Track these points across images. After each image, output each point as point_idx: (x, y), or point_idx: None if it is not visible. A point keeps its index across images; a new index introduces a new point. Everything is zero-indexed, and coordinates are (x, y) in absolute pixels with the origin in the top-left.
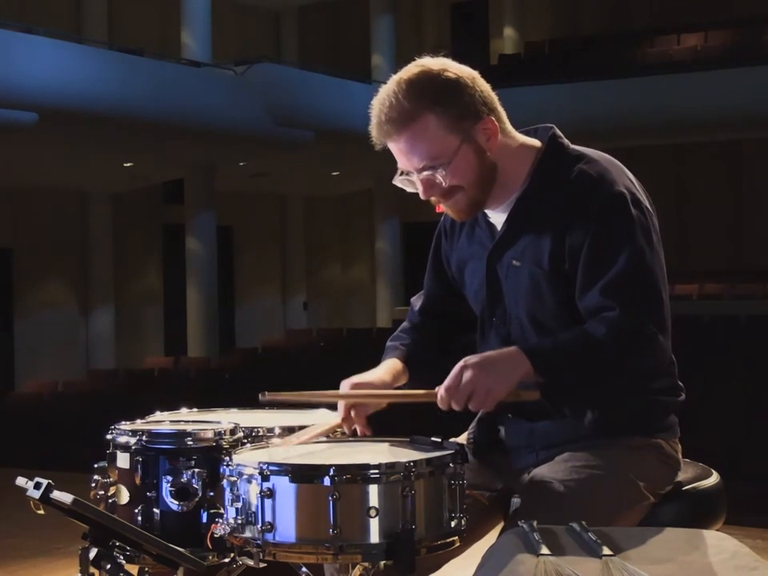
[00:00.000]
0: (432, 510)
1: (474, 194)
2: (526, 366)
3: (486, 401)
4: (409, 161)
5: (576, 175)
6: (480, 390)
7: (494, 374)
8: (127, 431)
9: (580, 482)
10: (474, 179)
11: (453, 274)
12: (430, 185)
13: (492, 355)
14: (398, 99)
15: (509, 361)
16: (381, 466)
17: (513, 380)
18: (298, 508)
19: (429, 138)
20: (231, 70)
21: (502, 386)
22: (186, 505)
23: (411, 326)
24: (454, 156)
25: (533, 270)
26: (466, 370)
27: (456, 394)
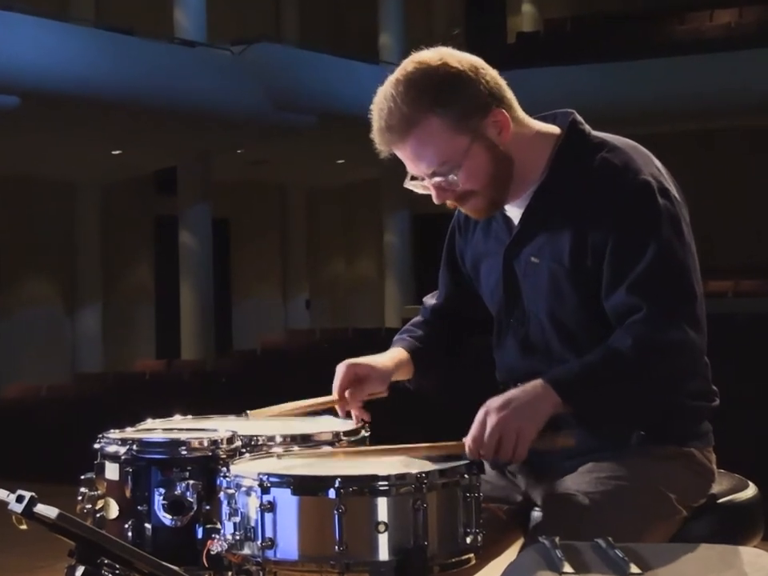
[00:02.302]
0: (445, 525)
1: (490, 195)
2: (554, 399)
3: (518, 445)
4: (417, 167)
5: (598, 164)
6: (508, 434)
7: (521, 415)
8: (116, 440)
9: (606, 495)
10: (488, 179)
11: (468, 272)
12: (443, 190)
13: (515, 394)
14: (397, 104)
15: (534, 397)
16: (390, 478)
17: (542, 417)
18: (300, 523)
19: (434, 142)
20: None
21: (531, 426)
22: (179, 519)
23: (423, 321)
24: (464, 157)
25: (552, 267)
26: (489, 416)
27: (484, 444)
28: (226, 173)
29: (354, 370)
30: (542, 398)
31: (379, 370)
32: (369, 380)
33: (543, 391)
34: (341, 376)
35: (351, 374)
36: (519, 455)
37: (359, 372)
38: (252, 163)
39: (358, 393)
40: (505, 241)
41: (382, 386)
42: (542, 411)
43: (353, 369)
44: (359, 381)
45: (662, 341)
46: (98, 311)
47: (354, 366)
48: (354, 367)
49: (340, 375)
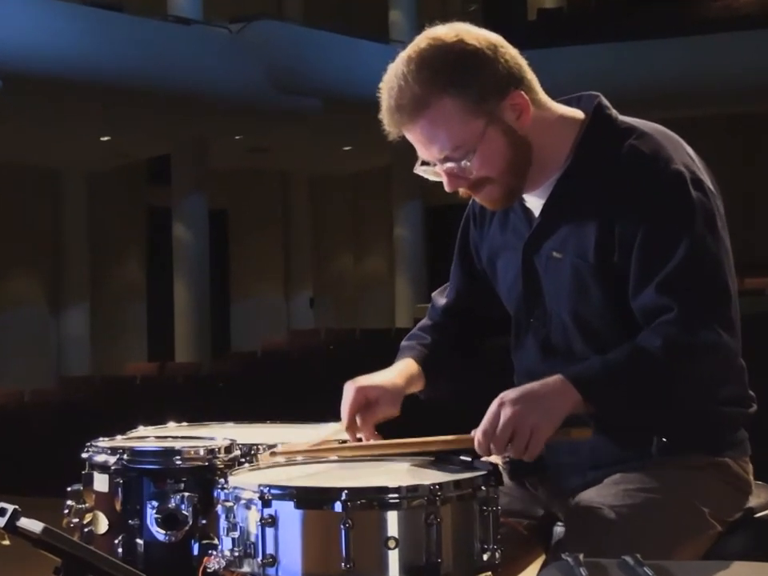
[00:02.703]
0: (461, 541)
1: (507, 183)
2: (574, 396)
3: (531, 442)
4: (428, 151)
5: (626, 152)
6: (522, 429)
7: (538, 410)
8: (106, 449)
9: (634, 508)
10: (505, 166)
11: (483, 267)
12: (456, 176)
13: (533, 387)
14: (408, 83)
15: (553, 392)
16: (401, 490)
17: (560, 414)
18: (304, 538)
19: (448, 125)
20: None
21: (547, 423)
22: (174, 534)
23: (432, 324)
24: (479, 142)
25: (576, 262)
26: (503, 408)
27: (495, 438)
28: (224, 161)
29: (365, 393)
30: (560, 394)
31: (390, 391)
32: (380, 403)
33: (562, 387)
34: (350, 401)
35: (361, 398)
36: (531, 453)
37: (370, 395)
38: (251, 150)
39: (370, 418)
40: (524, 234)
41: (394, 407)
42: (560, 408)
43: (362, 392)
44: (369, 405)
45: (693, 343)
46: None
47: (363, 389)
48: (364, 390)
49: (349, 400)
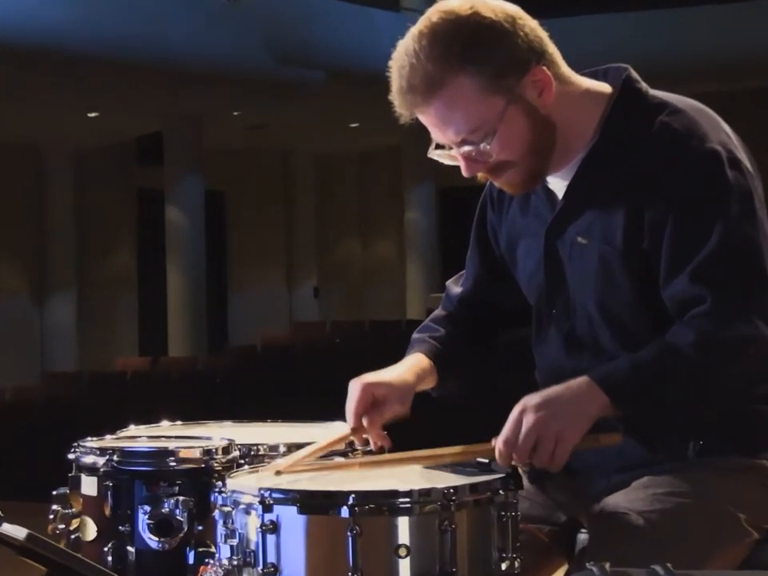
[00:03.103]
0: (477, 549)
1: (529, 166)
2: (601, 399)
3: (557, 451)
4: (443, 134)
5: (657, 129)
6: (547, 437)
7: (563, 415)
8: (94, 449)
9: (664, 514)
10: (527, 148)
11: (502, 254)
12: (473, 160)
13: (557, 391)
14: (420, 61)
15: (579, 396)
16: (413, 494)
17: (587, 420)
18: (308, 546)
19: (464, 105)
20: None
21: (574, 430)
22: (167, 541)
23: (446, 315)
24: (498, 123)
25: (603, 248)
26: (526, 414)
27: (517, 447)
28: (221, 139)
29: (371, 391)
30: (587, 398)
31: (399, 389)
32: (388, 402)
33: (589, 390)
34: (355, 400)
35: (367, 396)
36: (557, 463)
37: (377, 393)
38: (251, 127)
39: (377, 418)
40: (546, 218)
41: (404, 406)
42: (587, 413)
43: (369, 390)
44: (377, 404)
45: (728, 337)
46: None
47: (370, 386)
48: (371, 388)
49: (354, 399)
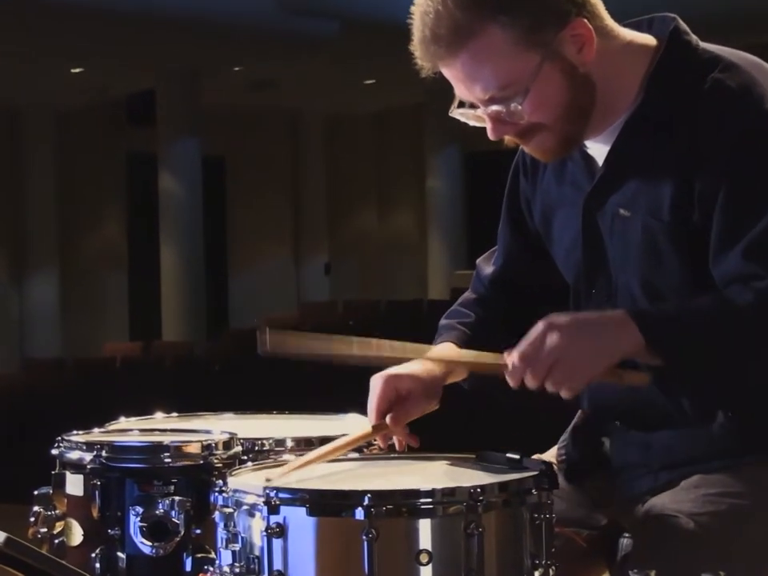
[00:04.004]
0: (507, 556)
1: (564, 130)
2: (635, 335)
3: (573, 377)
4: (469, 90)
5: (709, 88)
6: (567, 360)
7: (589, 341)
8: (80, 444)
9: (716, 517)
10: (562, 111)
11: (536, 227)
12: (502, 122)
13: (589, 316)
14: (447, 7)
15: (611, 325)
16: (435, 493)
17: (614, 352)
18: (319, 552)
19: (495, 59)
20: None
21: (597, 359)
22: (162, 546)
23: (477, 298)
24: (532, 80)
25: (648, 221)
26: (550, 333)
27: (534, 363)
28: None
29: (394, 385)
30: (619, 330)
31: (426, 382)
32: (414, 396)
33: (623, 322)
34: (377, 395)
35: (391, 391)
36: (571, 389)
37: (401, 387)
38: (254, 85)
39: (402, 415)
40: (585, 187)
41: (431, 401)
42: (616, 345)
43: (392, 384)
44: (401, 399)
45: None
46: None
47: (392, 380)
48: (394, 381)
49: (376, 394)
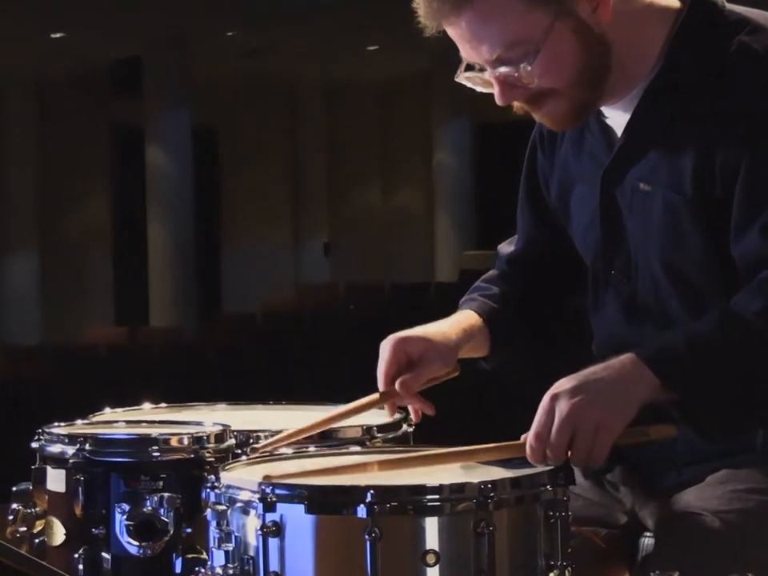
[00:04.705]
0: (520, 556)
1: (576, 96)
2: (649, 380)
3: (597, 443)
4: (476, 50)
5: (735, 52)
6: (584, 428)
7: (603, 401)
8: (62, 437)
9: (743, 514)
10: (575, 75)
11: (553, 204)
12: (510, 85)
13: (595, 372)
14: None
15: (622, 376)
16: (443, 489)
17: (632, 406)
18: (318, 552)
19: (503, 17)
20: None
21: (616, 418)
22: (150, 547)
23: (500, 274)
24: (543, 40)
25: (669, 197)
26: (558, 402)
27: (551, 441)
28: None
29: (404, 348)
30: (632, 379)
31: (439, 346)
32: (426, 360)
33: (635, 370)
34: (387, 358)
35: (400, 354)
36: (597, 458)
37: (411, 350)
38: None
39: (413, 380)
40: (603, 160)
41: (445, 365)
42: (633, 397)
43: (402, 347)
44: (412, 363)
45: None
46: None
47: (402, 342)
48: (404, 344)
49: (385, 358)
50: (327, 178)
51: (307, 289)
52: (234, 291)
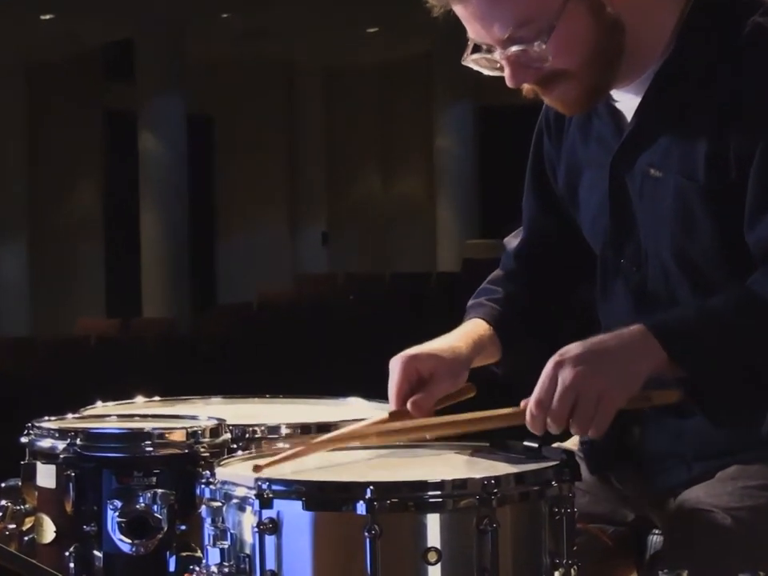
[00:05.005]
0: (524, 554)
1: (589, 78)
2: (657, 353)
3: (599, 413)
4: (486, 29)
5: (749, 34)
6: (587, 396)
7: (608, 370)
8: (52, 431)
9: (756, 512)
10: (588, 55)
11: (561, 192)
12: (522, 66)
13: (603, 341)
14: None
15: (629, 347)
16: (445, 485)
17: (637, 377)
18: (316, 550)
19: None
20: None
21: (621, 388)
22: (143, 544)
23: (505, 274)
24: (556, 18)
25: (681, 183)
26: (562, 369)
27: (552, 408)
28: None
29: (415, 366)
30: (639, 350)
31: (449, 361)
32: (436, 378)
33: (642, 341)
34: (398, 377)
35: (411, 373)
36: (599, 428)
37: (422, 369)
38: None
39: (425, 400)
40: (612, 145)
41: (457, 382)
42: (638, 369)
43: (411, 366)
44: (423, 381)
45: None
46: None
47: (413, 360)
48: (414, 363)
49: (396, 376)
50: (326, 164)
51: (305, 279)
52: (230, 281)
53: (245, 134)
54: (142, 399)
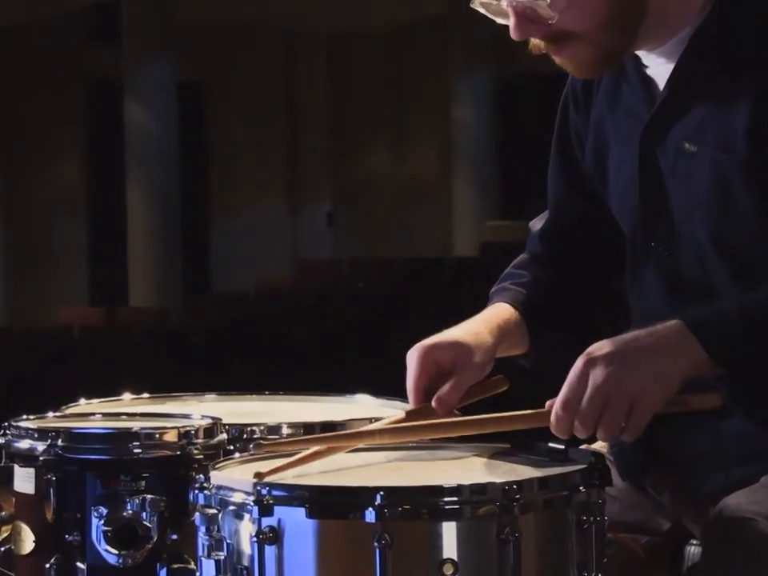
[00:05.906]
0: (549, 566)
1: (603, 42)
2: (696, 352)
3: (633, 418)
4: None
5: None
6: (619, 399)
7: (643, 371)
8: (31, 431)
9: None
10: (601, 19)
11: (588, 168)
12: (528, 19)
13: (637, 338)
14: None
15: (666, 345)
16: (462, 491)
17: (675, 378)
18: (320, 561)
19: None
20: None
21: (657, 391)
22: (131, 555)
23: (530, 257)
24: None
25: (718, 158)
26: (593, 368)
27: (580, 412)
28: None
29: (433, 356)
30: (677, 350)
31: (472, 349)
32: (459, 368)
33: (680, 339)
34: (415, 371)
35: (429, 364)
36: (632, 433)
37: (442, 359)
38: None
39: (450, 395)
40: (643, 116)
41: (482, 372)
42: (676, 370)
43: (430, 356)
44: (444, 373)
45: None
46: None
47: (431, 350)
48: (433, 352)
49: (413, 370)
50: (330, 138)
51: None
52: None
53: (240, 104)
54: (129, 396)
